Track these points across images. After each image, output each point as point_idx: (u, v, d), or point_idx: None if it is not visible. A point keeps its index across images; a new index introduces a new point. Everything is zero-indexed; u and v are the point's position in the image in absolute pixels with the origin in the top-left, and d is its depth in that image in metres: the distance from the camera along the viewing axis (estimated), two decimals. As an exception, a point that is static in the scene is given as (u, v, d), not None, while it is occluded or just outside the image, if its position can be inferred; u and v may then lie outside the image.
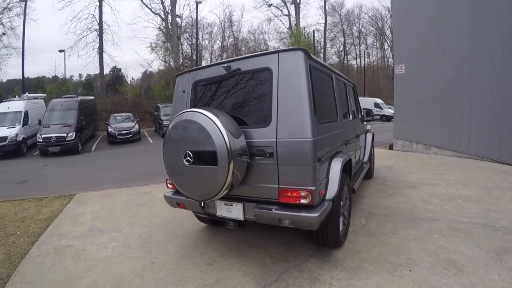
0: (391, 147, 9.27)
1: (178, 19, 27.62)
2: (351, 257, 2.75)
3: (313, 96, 2.37)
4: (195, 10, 24.63)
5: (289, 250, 2.95)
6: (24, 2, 18.41)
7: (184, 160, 2.38)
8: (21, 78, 19.75)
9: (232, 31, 38.45)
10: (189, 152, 2.34)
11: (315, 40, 32.88)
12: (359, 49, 42.04)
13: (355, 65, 43.25)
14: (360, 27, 40.70)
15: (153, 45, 26.62)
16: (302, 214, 2.26)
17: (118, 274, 2.73)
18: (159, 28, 27.47)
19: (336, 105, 3.22)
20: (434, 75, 7.55)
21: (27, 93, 15.55)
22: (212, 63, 2.95)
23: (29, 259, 3.11)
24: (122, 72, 33.89)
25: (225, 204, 2.63)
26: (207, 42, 37.43)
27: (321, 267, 2.63)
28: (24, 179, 7.67)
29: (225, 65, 2.67)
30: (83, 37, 25.99)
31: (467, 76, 6.60)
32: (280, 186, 2.36)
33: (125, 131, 13.82)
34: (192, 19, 26.35)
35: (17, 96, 15.29)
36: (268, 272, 2.61)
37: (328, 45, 40.36)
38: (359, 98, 5.30)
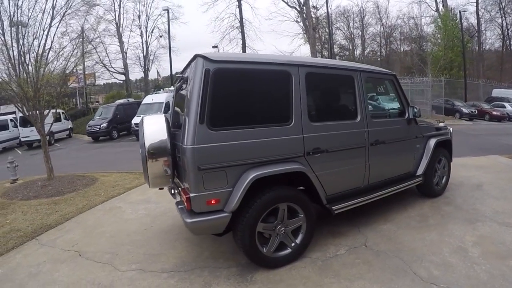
0: None
1: (313, 10, 28.88)
2: (265, 285, 2.74)
3: (203, 102, 2.58)
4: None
5: (233, 253, 3.27)
6: (166, 11, 26.70)
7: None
8: (176, 72, 26.85)
9: (380, 17, 37.97)
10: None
11: (469, 23, 27.14)
12: (524, 32, 31.66)
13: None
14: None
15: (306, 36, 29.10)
16: (182, 216, 2.74)
17: (120, 230, 4.19)
18: (296, 20, 29.64)
19: (292, 107, 3.04)
20: None
21: (171, 86, 20.88)
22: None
23: (91, 211, 5.11)
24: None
25: (178, 193, 3.45)
26: (358, 31, 39.20)
27: (227, 278, 2.85)
28: (147, 158, 10.83)
29: (182, 72, 3.42)
30: (226, 34, 30.44)
31: None
32: (184, 187, 2.90)
33: None
34: (332, 9, 27.42)
35: (161, 90, 20.78)
36: (192, 263, 3.15)
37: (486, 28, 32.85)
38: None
